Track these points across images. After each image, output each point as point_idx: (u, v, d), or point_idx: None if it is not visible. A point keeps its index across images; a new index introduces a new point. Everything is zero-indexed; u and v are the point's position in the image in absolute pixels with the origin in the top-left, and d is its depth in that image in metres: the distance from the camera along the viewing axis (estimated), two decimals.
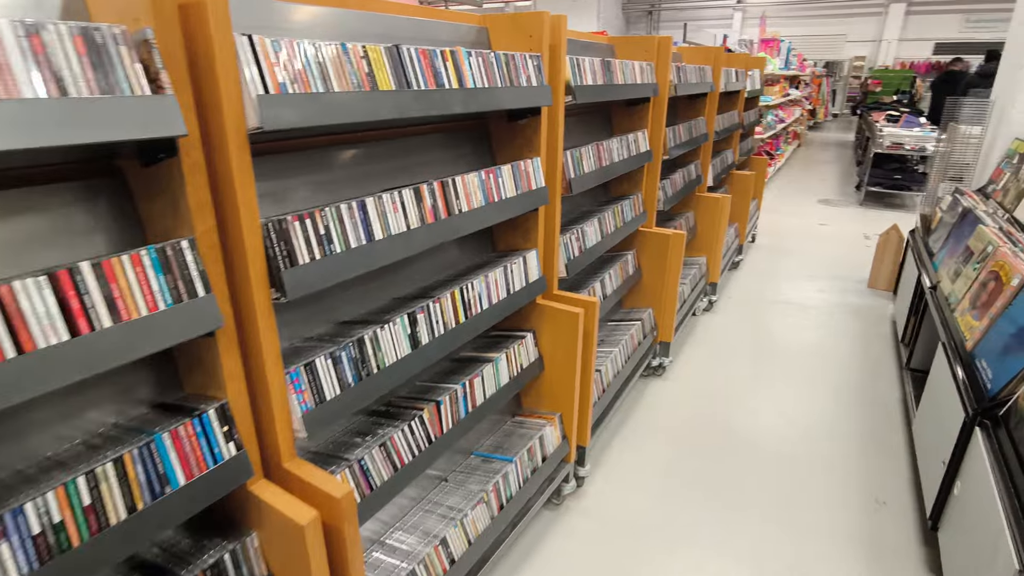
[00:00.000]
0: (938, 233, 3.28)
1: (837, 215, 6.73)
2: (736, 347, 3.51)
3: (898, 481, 2.38)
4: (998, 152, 3.48)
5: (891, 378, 3.16)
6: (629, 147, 2.43)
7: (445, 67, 1.28)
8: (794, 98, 9.23)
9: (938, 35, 16.66)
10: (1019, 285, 1.96)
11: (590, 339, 1.99)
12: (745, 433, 2.69)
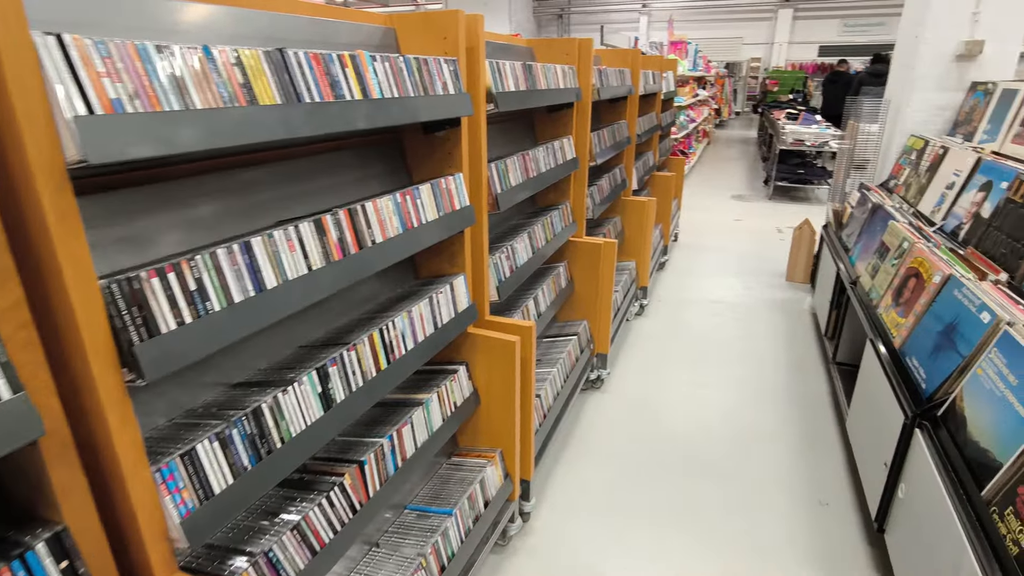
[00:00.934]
0: (850, 228, 3.40)
1: (750, 210, 7.00)
2: (670, 351, 3.48)
3: (837, 480, 2.39)
4: (896, 148, 3.67)
5: (818, 373, 3.23)
6: (555, 155, 2.30)
7: (345, 75, 1.07)
8: (702, 98, 9.58)
9: (822, 38, 18.00)
10: (941, 283, 2.00)
11: (528, 367, 1.84)
12: (686, 441, 2.63)
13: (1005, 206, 2.17)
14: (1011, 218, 2.10)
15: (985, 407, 1.53)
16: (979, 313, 1.72)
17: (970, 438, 1.54)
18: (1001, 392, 1.49)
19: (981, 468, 1.45)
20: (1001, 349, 1.56)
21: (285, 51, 0.95)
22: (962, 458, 1.53)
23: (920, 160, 3.20)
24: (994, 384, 1.53)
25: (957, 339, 1.78)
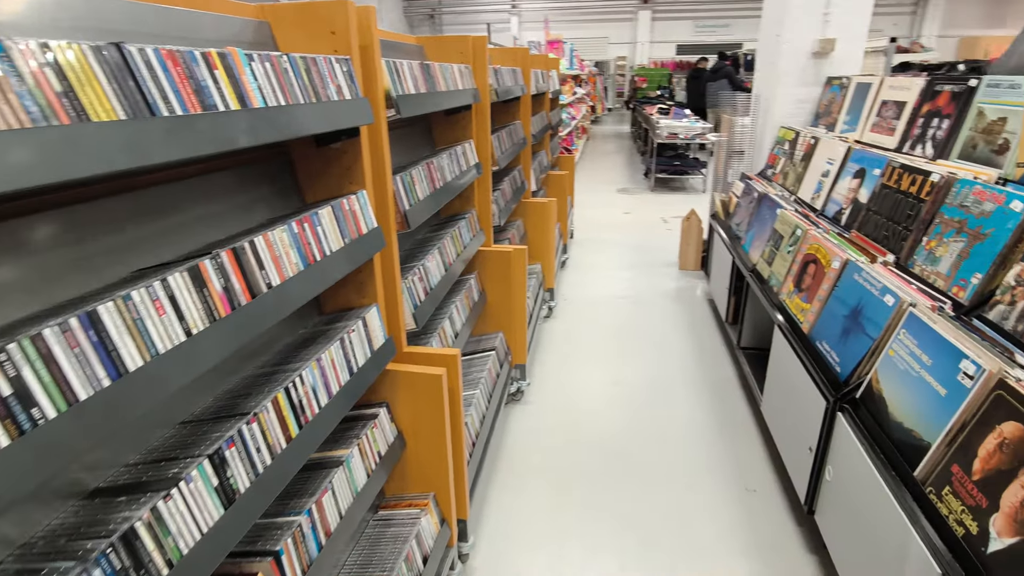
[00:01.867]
0: (738, 217, 3.56)
1: (636, 203, 7.26)
2: (582, 352, 3.45)
3: (761, 466, 2.46)
4: (769, 139, 3.91)
5: (724, 359, 3.35)
6: (459, 161, 2.13)
7: (214, 78, 0.83)
8: (580, 96, 9.83)
9: (678, 38, 19.37)
10: (840, 268, 2.09)
11: (456, 398, 1.66)
12: (612, 444, 2.59)
13: (881, 191, 2.33)
14: (888, 202, 2.25)
15: (902, 388, 1.59)
16: (883, 296, 1.80)
17: (893, 419, 1.59)
18: (917, 372, 1.55)
19: (909, 448, 1.50)
20: (909, 330, 1.64)
21: (125, 47, 0.70)
22: (888, 439, 1.58)
23: (794, 150, 3.42)
24: (908, 365, 1.59)
25: (864, 322, 1.85)
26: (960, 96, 2.28)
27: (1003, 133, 2.01)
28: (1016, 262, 1.59)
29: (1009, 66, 2.40)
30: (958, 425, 1.37)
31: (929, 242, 1.94)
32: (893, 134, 2.68)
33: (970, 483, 1.28)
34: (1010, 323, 1.54)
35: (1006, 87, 2.03)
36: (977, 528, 1.22)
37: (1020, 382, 1.27)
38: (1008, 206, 1.66)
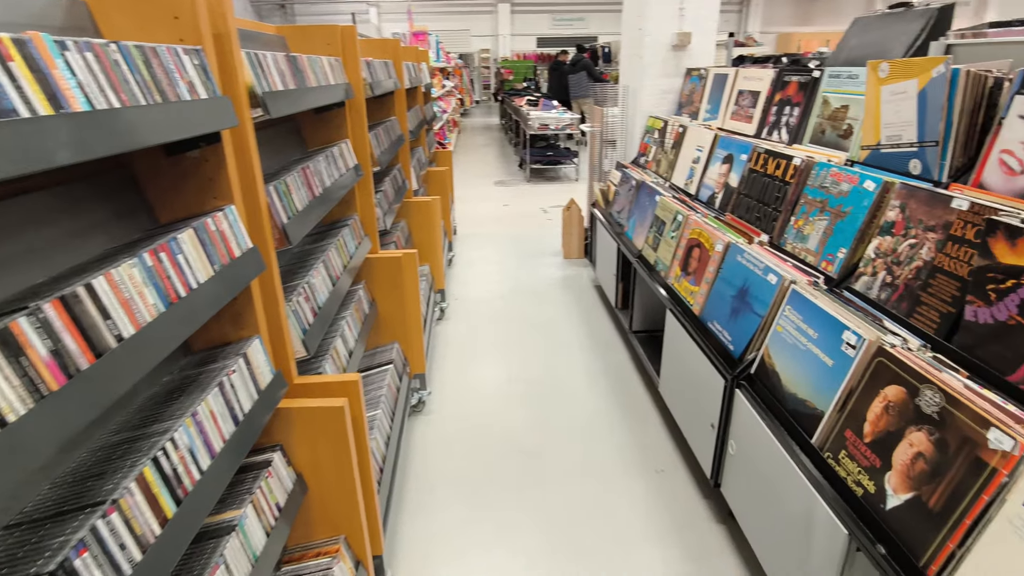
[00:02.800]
0: (618, 205, 3.67)
1: (514, 194, 7.32)
2: (479, 351, 3.38)
3: (666, 446, 2.54)
4: (639, 128, 4.08)
5: (617, 344, 3.45)
6: (337, 164, 1.94)
7: (9, 72, 0.62)
8: (449, 89, 9.70)
9: (538, 31, 19.87)
10: (724, 251, 2.20)
11: (360, 427, 1.50)
12: (520, 444, 2.55)
13: (749, 175, 2.49)
14: (756, 185, 2.41)
15: (792, 361, 1.70)
16: (766, 275, 1.92)
17: (787, 391, 1.69)
18: (804, 346, 1.65)
19: (804, 417, 1.60)
20: (793, 306, 1.75)
21: None
22: (784, 410, 1.68)
23: (664, 138, 3.58)
24: (796, 339, 1.70)
25: (752, 301, 1.96)
26: (807, 86, 2.49)
27: (847, 119, 2.22)
28: (874, 236, 1.75)
29: (840, 59, 2.68)
30: (846, 392, 1.48)
31: (797, 221, 2.10)
32: (751, 121, 2.88)
33: (863, 446, 1.38)
34: (874, 292, 1.70)
35: (846, 77, 2.25)
36: (874, 487, 1.32)
37: (895, 348, 1.39)
38: (862, 186, 1.83)
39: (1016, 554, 1.01)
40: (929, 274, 1.52)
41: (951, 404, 1.19)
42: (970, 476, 1.11)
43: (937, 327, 1.48)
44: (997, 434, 1.08)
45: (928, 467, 1.20)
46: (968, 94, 1.64)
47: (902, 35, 2.27)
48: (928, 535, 1.16)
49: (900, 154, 1.85)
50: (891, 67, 1.84)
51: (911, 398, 1.28)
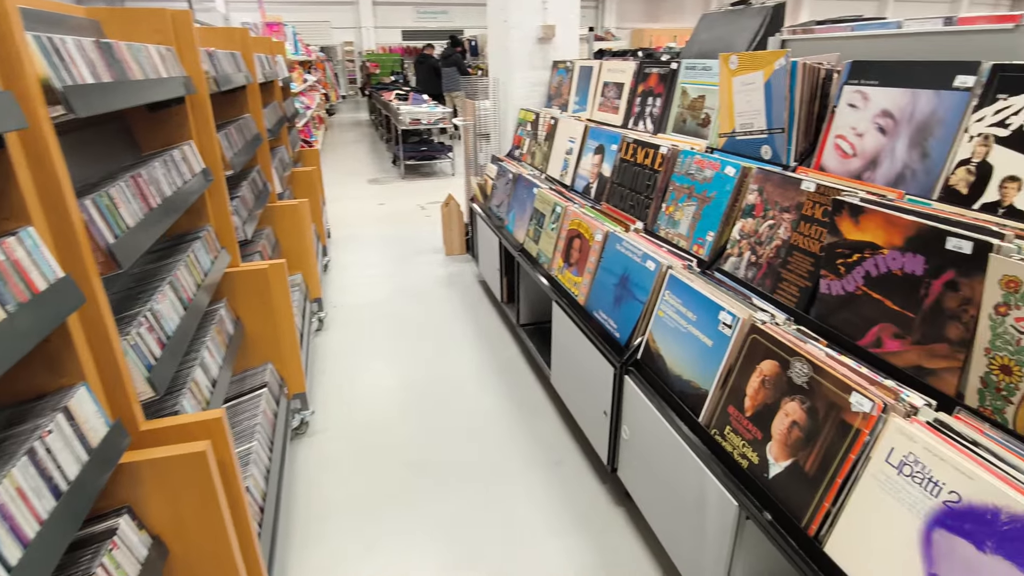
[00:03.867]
0: (497, 199, 3.65)
1: (389, 192, 7.07)
2: (364, 360, 3.20)
3: (562, 437, 2.56)
4: (511, 121, 4.09)
5: (506, 339, 3.43)
6: (179, 169, 1.69)
7: None
8: (311, 84, 9.15)
9: (402, 24, 19.42)
10: (603, 240, 2.24)
11: (230, 468, 1.31)
12: (415, 452, 2.45)
13: (621, 165, 2.56)
14: (628, 174, 2.49)
15: (675, 344, 1.76)
16: (644, 262, 1.97)
17: (673, 373, 1.75)
18: (685, 328, 1.72)
19: (690, 398, 1.66)
20: (672, 290, 1.81)
21: None
22: (671, 392, 1.74)
23: (536, 130, 3.61)
24: (677, 323, 1.76)
25: (633, 288, 2.01)
26: (666, 78, 2.61)
27: (704, 109, 2.35)
28: (738, 219, 1.86)
29: (693, 52, 2.84)
30: (726, 370, 1.55)
31: (668, 208, 2.18)
32: (618, 112, 2.98)
33: (745, 420, 1.45)
34: (742, 272, 1.80)
35: (700, 69, 2.38)
36: (758, 458, 1.39)
37: (766, 324, 1.48)
38: (723, 171, 1.93)
39: (881, 505, 1.10)
40: (787, 252, 1.64)
41: (817, 373, 1.27)
42: (838, 439, 1.20)
43: (797, 301, 1.59)
44: (858, 397, 1.18)
45: (802, 434, 1.28)
46: (806, 84, 1.78)
47: (744, 30, 2.45)
48: (807, 497, 1.24)
49: (753, 140, 1.99)
50: (740, 59, 1.96)
51: (783, 371, 1.36)
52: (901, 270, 1.26)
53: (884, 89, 1.57)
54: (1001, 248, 1.06)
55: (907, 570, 1.03)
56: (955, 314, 1.16)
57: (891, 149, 1.54)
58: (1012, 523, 0.90)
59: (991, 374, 1.08)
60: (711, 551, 1.56)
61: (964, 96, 1.38)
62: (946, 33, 1.68)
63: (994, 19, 1.58)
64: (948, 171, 1.40)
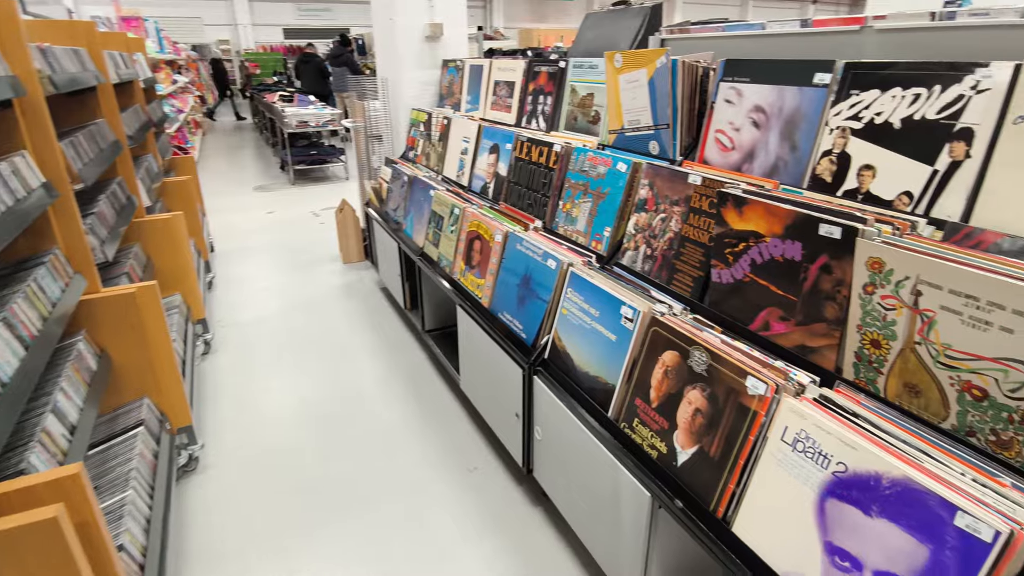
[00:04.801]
0: (393, 202, 3.53)
1: (279, 200, 6.67)
2: (259, 381, 2.97)
3: (475, 443, 2.51)
4: (403, 122, 3.97)
5: (412, 346, 3.33)
6: (9, 185, 1.45)
7: None
8: (182, 84, 8.42)
9: (283, 21, 18.44)
10: (503, 240, 2.22)
11: (93, 531, 1.14)
12: (321, 475, 2.30)
13: (516, 163, 2.55)
14: (524, 173, 2.48)
15: (581, 341, 1.76)
16: (545, 260, 1.96)
17: (580, 370, 1.76)
18: (589, 325, 1.73)
19: (599, 393, 1.67)
20: (574, 288, 1.81)
21: None
22: (580, 389, 1.74)
23: (430, 131, 3.53)
24: (581, 320, 1.77)
25: (536, 287, 2.00)
26: (555, 76, 2.63)
27: (594, 106, 2.39)
28: (632, 213, 1.90)
29: (580, 51, 2.89)
30: (631, 364, 1.57)
31: (565, 205, 2.20)
32: (510, 111, 2.97)
33: (652, 411, 1.48)
34: (639, 265, 1.85)
35: (587, 67, 2.41)
36: (666, 447, 1.42)
37: (665, 315, 1.52)
38: (616, 167, 1.97)
39: (780, 482, 1.15)
40: (680, 244, 1.70)
41: (715, 360, 1.32)
42: (738, 422, 1.25)
43: (692, 290, 1.65)
44: (753, 381, 1.23)
45: (705, 420, 1.32)
46: (686, 81, 1.85)
47: (626, 29, 2.52)
48: (713, 482, 1.28)
49: (641, 136, 2.04)
50: (624, 58, 2.01)
51: (684, 360, 1.40)
52: (782, 256, 1.34)
53: (755, 86, 1.66)
54: (865, 232, 1.15)
55: (806, 540, 1.09)
56: (830, 295, 1.24)
57: (765, 142, 1.64)
58: (892, 487, 0.97)
59: (863, 348, 1.17)
60: (628, 543, 1.58)
61: (823, 92, 1.49)
62: (803, 34, 1.82)
63: (843, 21, 1.73)
64: (814, 162, 1.51)
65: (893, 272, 1.07)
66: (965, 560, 0.87)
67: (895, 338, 1.10)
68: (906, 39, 1.53)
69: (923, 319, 1.04)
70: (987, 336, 0.95)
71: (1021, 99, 1.12)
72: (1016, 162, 1.13)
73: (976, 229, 1.16)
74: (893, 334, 1.10)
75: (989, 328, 0.94)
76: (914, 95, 1.30)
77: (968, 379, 0.99)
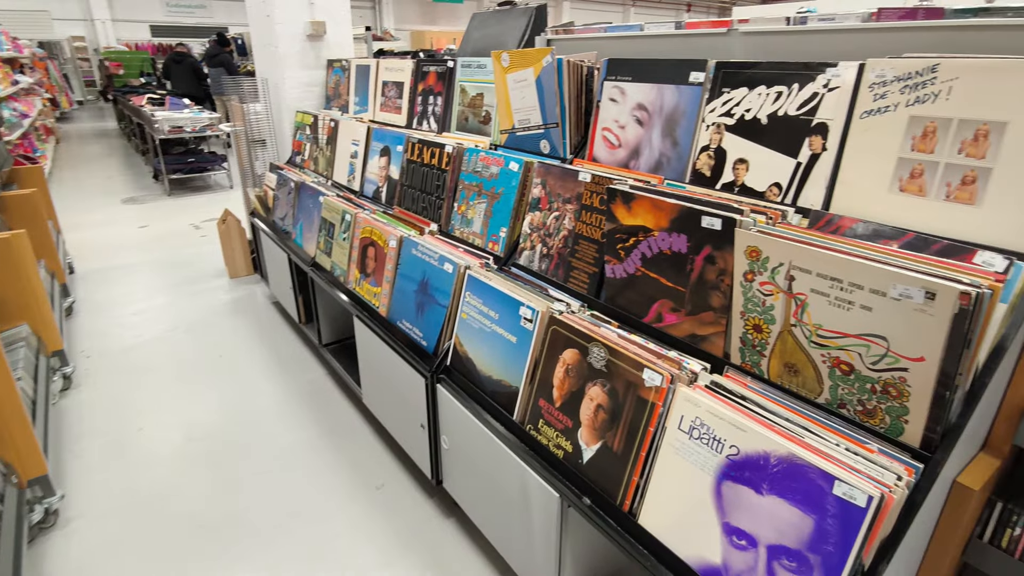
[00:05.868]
0: (281, 211, 3.32)
1: (152, 213, 6.08)
2: (136, 415, 2.67)
3: (382, 458, 2.40)
4: (288, 125, 3.74)
5: (309, 362, 3.14)
6: None
7: None
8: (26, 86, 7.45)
9: (150, 18, 16.91)
10: (398, 246, 2.13)
11: None
12: (219, 512, 2.10)
13: (409, 166, 2.47)
14: (417, 176, 2.41)
15: (482, 345, 1.73)
16: (442, 265, 1.91)
17: (483, 375, 1.72)
18: (489, 328, 1.70)
19: (503, 397, 1.64)
20: (472, 291, 1.77)
21: None
22: (484, 394, 1.70)
23: (317, 134, 3.35)
24: (481, 323, 1.73)
25: (434, 293, 1.94)
26: (444, 76, 2.58)
27: (484, 106, 2.36)
28: (526, 213, 1.89)
29: (468, 51, 2.86)
30: (533, 364, 1.56)
31: (460, 207, 2.15)
32: (401, 112, 2.88)
33: (555, 411, 1.47)
34: (536, 264, 1.84)
35: (476, 67, 2.39)
36: (571, 446, 1.42)
37: (563, 314, 1.51)
38: (508, 167, 1.95)
39: (680, 470, 1.17)
40: (574, 241, 1.71)
41: (613, 355, 1.33)
42: (638, 415, 1.26)
43: (588, 287, 1.67)
44: (649, 373, 1.25)
45: (607, 416, 1.33)
46: (572, 80, 1.87)
47: (513, 29, 2.52)
48: (618, 476, 1.29)
49: (532, 135, 2.04)
50: (511, 57, 2.00)
51: (584, 357, 1.40)
52: (670, 249, 1.37)
53: (637, 84, 1.71)
54: (743, 223, 1.20)
55: (706, 524, 1.12)
56: (715, 284, 1.29)
57: (649, 139, 1.69)
58: (779, 464, 1.01)
59: (747, 333, 1.22)
60: (540, 545, 1.57)
61: (698, 90, 1.56)
62: (678, 36, 1.89)
63: (713, 24, 1.82)
64: (694, 157, 1.57)
65: (769, 259, 1.13)
66: (845, 526, 0.92)
67: (774, 322, 1.16)
68: (767, 41, 1.63)
69: (797, 302, 1.10)
70: (850, 315, 1.02)
71: (866, 96, 1.22)
72: (864, 153, 1.23)
73: (835, 216, 1.25)
74: (772, 318, 1.16)
75: (851, 307, 1.01)
76: (777, 93, 1.38)
77: (837, 355, 1.06)
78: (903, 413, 1.00)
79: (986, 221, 1.07)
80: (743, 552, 1.05)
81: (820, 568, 0.95)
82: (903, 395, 0.99)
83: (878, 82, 1.20)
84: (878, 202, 1.22)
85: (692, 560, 1.13)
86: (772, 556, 1.01)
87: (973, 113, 1.07)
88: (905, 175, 1.17)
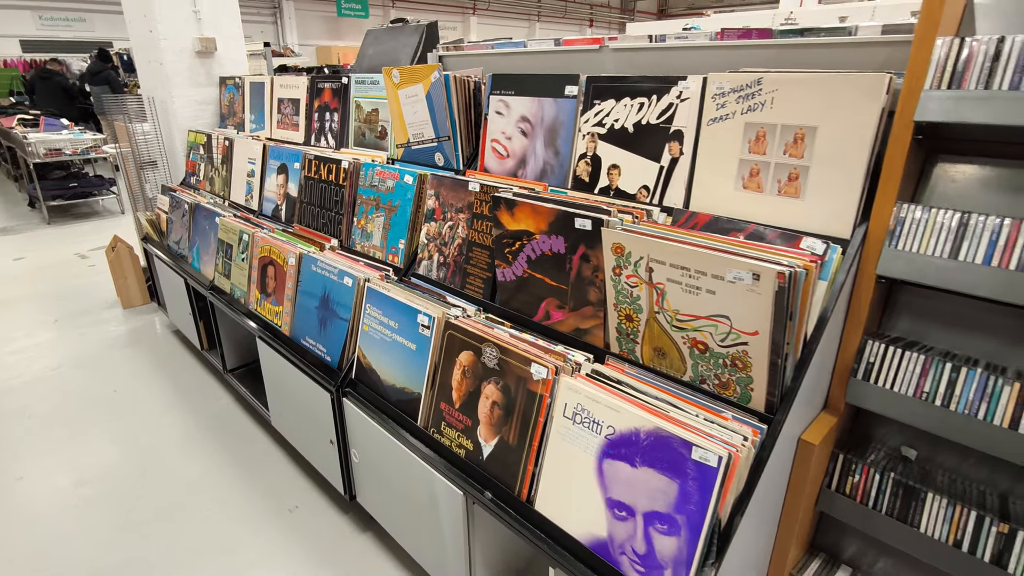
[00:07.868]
0: (176, 234, 3.18)
1: (29, 243, 5.59)
2: (16, 465, 2.45)
3: (294, 479, 2.35)
4: (180, 145, 3.59)
5: (214, 389, 3.01)
6: None
7: None
8: None
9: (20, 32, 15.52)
10: (297, 264, 2.12)
11: None
12: (119, 560, 1.98)
13: (307, 183, 2.45)
14: (315, 192, 2.40)
15: (384, 355, 1.75)
16: (342, 279, 1.92)
17: (387, 384, 1.74)
18: (390, 337, 1.73)
19: (406, 404, 1.67)
20: (372, 303, 1.80)
21: None
22: (389, 403, 1.73)
23: (211, 153, 3.24)
24: (382, 333, 1.76)
25: (336, 307, 1.94)
26: (339, 92, 2.59)
27: (380, 121, 2.40)
28: (422, 224, 1.94)
29: (364, 67, 2.88)
30: (432, 370, 1.60)
31: (359, 221, 2.17)
32: (298, 129, 2.85)
33: (456, 412, 1.52)
34: (434, 273, 1.89)
35: (370, 83, 2.42)
36: (472, 444, 1.47)
37: (459, 318, 1.57)
38: (403, 180, 2.00)
39: (566, 454, 1.26)
40: (468, 249, 1.78)
41: (504, 354, 1.40)
42: (528, 407, 1.34)
43: (483, 291, 1.74)
44: (536, 367, 1.33)
45: (502, 411, 1.40)
46: (460, 95, 1.95)
47: (405, 46, 2.58)
48: (515, 467, 1.36)
49: (426, 149, 2.10)
50: (401, 74, 2.05)
51: (478, 358, 1.46)
52: (551, 251, 1.47)
53: (519, 98, 1.81)
54: (609, 222, 1.31)
55: (593, 502, 1.21)
56: (592, 280, 1.40)
57: (533, 149, 1.79)
58: (648, 438, 1.12)
59: (621, 323, 1.34)
60: (451, 544, 1.61)
61: (573, 103, 1.68)
62: (557, 52, 2.02)
63: (587, 41, 1.96)
64: (573, 164, 1.69)
65: (631, 254, 1.25)
66: (702, 486, 1.04)
67: (641, 311, 1.27)
68: (633, 57, 1.79)
69: (657, 291, 1.22)
70: (699, 299, 1.15)
71: (710, 105, 1.38)
72: (712, 156, 1.38)
73: (694, 213, 1.39)
74: (640, 307, 1.28)
75: (699, 292, 1.14)
76: (639, 104, 1.52)
77: (694, 336, 1.19)
78: (749, 382, 1.14)
79: (809, 211, 1.24)
80: (624, 522, 1.15)
81: (686, 526, 1.06)
82: (747, 366, 1.12)
83: (719, 93, 1.36)
84: (727, 199, 1.37)
85: (583, 537, 1.22)
86: (648, 522, 1.11)
87: (792, 119, 1.24)
88: (746, 174, 1.33)
